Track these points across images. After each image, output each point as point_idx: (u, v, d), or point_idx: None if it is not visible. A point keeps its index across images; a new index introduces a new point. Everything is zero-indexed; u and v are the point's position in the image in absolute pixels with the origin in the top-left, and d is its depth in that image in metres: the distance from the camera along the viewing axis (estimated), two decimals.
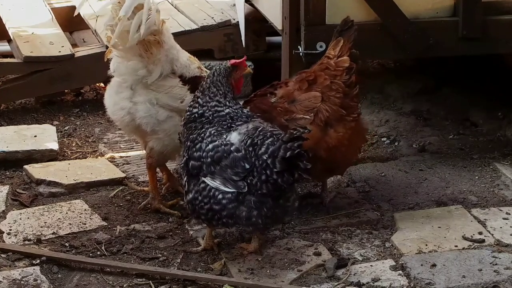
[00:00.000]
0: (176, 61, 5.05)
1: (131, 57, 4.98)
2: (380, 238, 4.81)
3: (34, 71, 6.73)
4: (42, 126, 6.29)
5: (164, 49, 4.98)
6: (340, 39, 4.97)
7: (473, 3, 5.53)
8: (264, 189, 4.27)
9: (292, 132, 4.22)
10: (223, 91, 4.54)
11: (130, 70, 4.99)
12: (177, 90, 5.04)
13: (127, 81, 5.03)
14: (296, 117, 4.85)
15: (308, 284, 4.36)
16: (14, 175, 5.61)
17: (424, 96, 6.86)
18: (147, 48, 4.94)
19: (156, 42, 4.94)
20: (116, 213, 5.12)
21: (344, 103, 4.91)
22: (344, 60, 4.94)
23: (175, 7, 7.60)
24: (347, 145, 4.95)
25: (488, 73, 6.79)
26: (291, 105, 4.88)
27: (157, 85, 5.01)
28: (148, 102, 4.99)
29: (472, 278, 4.37)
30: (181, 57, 5.10)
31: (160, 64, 4.97)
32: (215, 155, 4.35)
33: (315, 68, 5.01)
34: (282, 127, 4.68)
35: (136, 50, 4.95)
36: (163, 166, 5.37)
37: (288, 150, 4.18)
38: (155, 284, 4.38)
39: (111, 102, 5.13)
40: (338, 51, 4.95)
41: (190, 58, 5.18)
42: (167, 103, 4.99)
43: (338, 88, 4.90)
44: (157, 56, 4.96)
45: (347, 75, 4.91)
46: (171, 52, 5.04)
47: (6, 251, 4.62)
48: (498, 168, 5.62)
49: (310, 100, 4.89)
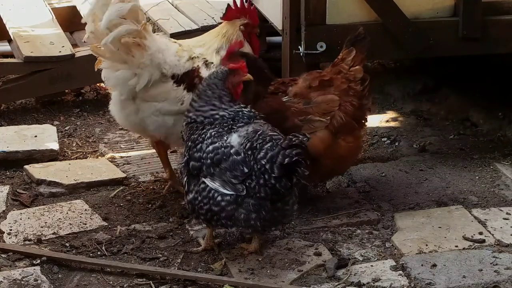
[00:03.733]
0: (164, 64, 5.01)
1: (117, 65, 4.95)
2: (381, 238, 4.81)
3: (35, 71, 6.73)
4: (42, 126, 6.29)
5: (147, 53, 4.93)
6: (352, 49, 4.96)
7: (473, 3, 5.53)
8: (262, 193, 4.27)
9: (291, 138, 4.21)
10: (218, 93, 4.52)
11: (120, 80, 4.97)
12: (174, 93, 5.02)
13: (123, 93, 5.03)
14: (312, 119, 4.80)
15: (309, 284, 4.36)
16: (14, 175, 5.61)
17: (424, 96, 6.86)
18: (128, 51, 4.90)
19: (136, 44, 4.89)
20: (116, 213, 5.12)
21: (356, 114, 4.89)
22: (358, 70, 4.92)
23: (175, 7, 7.61)
24: (354, 154, 4.97)
25: (488, 73, 6.79)
26: (307, 107, 4.84)
27: (153, 96, 5.01)
28: (153, 114, 5.02)
29: (473, 278, 4.37)
30: (168, 57, 5.04)
31: (146, 69, 4.94)
32: (215, 157, 4.35)
33: (328, 70, 4.98)
34: (296, 127, 4.68)
35: (118, 55, 4.91)
36: (166, 162, 5.37)
37: (286, 157, 4.17)
38: (156, 284, 4.38)
39: (120, 117, 5.20)
40: (351, 61, 4.93)
41: (178, 51, 5.08)
42: (169, 110, 4.99)
43: (355, 94, 4.88)
44: (141, 60, 4.92)
45: (361, 86, 4.90)
46: (157, 57, 4.98)
47: (6, 251, 4.62)
48: (499, 168, 5.62)
49: (328, 103, 4.84)
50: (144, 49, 4.92)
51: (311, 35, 5.45)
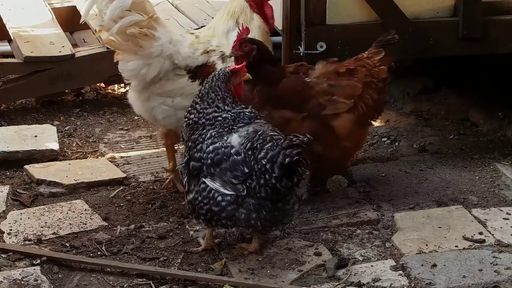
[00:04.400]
0: (177, 55, 5.05)
1: (129, 56, 5.00)
2: (381, 238, 4.81)
3: (35, 71, 6.73)
4: (42, 126, 6.29)
5: (157, 44, 4.97)
6: (382, 51, 5.04)
7: (473, 3, 5.53)
8: (263, 193, 4.27)
9: (292, 138, 4.22)
10: (221, 96, 4.52)
11: (132, 71, 5.02)
12: (188, 89, 5.05)
13: (137, 84, 5.07)
14: (337, 100, 4.92)
15: (309, 284, 4.36)
16: (14, 175, 5.62)
17: (424, 96, 6.87)
18: (136, 42, 4.95)
19: (143, 35, 4.93)
20: (116, 213, 5.12)
21: (375, 107, 5.03)
22: (383, 70, 5.02)
23: (175, 7, 7.61)
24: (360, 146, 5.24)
25: (488, 73, 6.79)
26: (332, 88, 4.93)
27: (167, 91, 5.04)
28: (163, 104, 5.04)
29: (473, 278, 4.37)
30: (182, 48, 5.07)
31: (156, 59, 4.97)
32: (215, 157, 4.35)
33: (352, 62, 5.06)
34: (319, 106, 4.84)
35: (128, 46, 4.97)
36: (171, 156, 5.40)
37: (287, 157, 4.18)
38: (156, 284, 4.38)
39: (136, 106, 5.27)
40: (378, 61, 5.02)
41: (193, 43, 5.12)
42: (184, 105, 4.97)
43: (376, 89, 5.00)
44: (149, 50, 4.95)
45: (382, 84, 5.02)
46: (168, 47, 5.02)
47: (6, 251, 4.62)
48: (499, 168, 5.62)
49: (352, 87, 4.96)
50: (153, 39, 4.95)
51: (311, 35, 5.45)
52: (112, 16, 4.92)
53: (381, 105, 5.12)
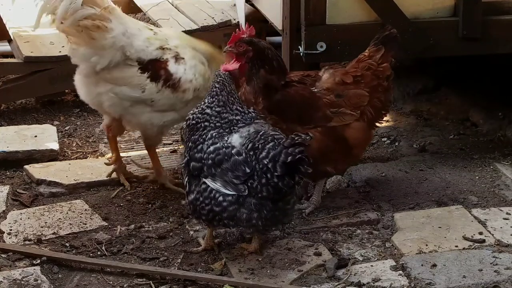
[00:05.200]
0: (130, 47, 5.02)
1: (81, 43, 5.00)
2: (381, 238, 4.81)
3: (35, 71, 6.73)
4: (42, 126, 6.29)
5: (110, 35, 4.95)
6: (382, 47, 5.03)
7: (473, 3, 5.53)
8: (264, 192, 4.27)
9: (293, 137, 4.22)
10: (233, 98, 4.50)
11: (82, 57, 5.02)
12: (136, 80, 5.04)
13: (85, 69, 5.07)
14: (344, 112, 4.91)
15: (309, 284, 4.36)
16: (14, 175, 5.62)
17: (424, 96, 6.86)
18: (89, 33, 4.94)
19: (96, 26, 4.93)
20: (116, 213, 5.12)
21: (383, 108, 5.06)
22: (387, 68, 5.03)
23: (175, 7, 7.60)
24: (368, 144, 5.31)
25: (488, 73, 6.79)
26: (340, 100, 4.92)
27: (115, 78, 5.03)
28: (110, 92, 5.05)
29: (473, 278, 4.37)
30: (136, 41, 5.06)
31: (107, 50, 4.96)
32: (216, 157, 4.35)
33: (356, 66, 5.03)
34: (326, 118, 4.84)
35: (81, 36, 4.96)
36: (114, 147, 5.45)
37: (289, 155, 4.18)
38: (156, 284, 4.38)
39: (82, 91, 5.24)
40: (379, 59, 5.01)
41: (149, 38, 5.10)
42: (128, 95, 5.02)
43: (382, 90, 5.02)
44: (102, 42, 4.95)
45: (386, 81, 5.03)
46: (121, 39, 5.00)
47: (6, 251, 4.62)
48: (499, 168, 5.62)
49: (359, 97, 4.95)
50: (105, 31, 4.94)
51: (311, 35, 5.45)
52: (63, 16, 4.93)
53: (387, 104, 5.13)
